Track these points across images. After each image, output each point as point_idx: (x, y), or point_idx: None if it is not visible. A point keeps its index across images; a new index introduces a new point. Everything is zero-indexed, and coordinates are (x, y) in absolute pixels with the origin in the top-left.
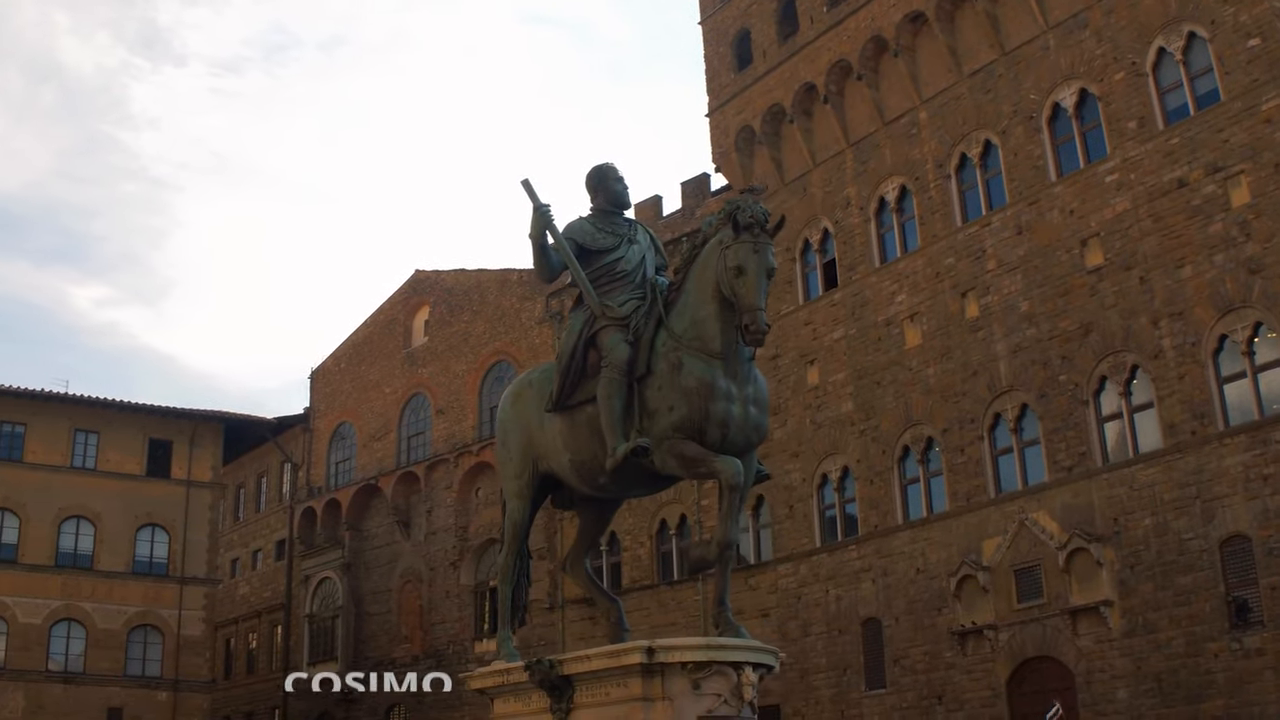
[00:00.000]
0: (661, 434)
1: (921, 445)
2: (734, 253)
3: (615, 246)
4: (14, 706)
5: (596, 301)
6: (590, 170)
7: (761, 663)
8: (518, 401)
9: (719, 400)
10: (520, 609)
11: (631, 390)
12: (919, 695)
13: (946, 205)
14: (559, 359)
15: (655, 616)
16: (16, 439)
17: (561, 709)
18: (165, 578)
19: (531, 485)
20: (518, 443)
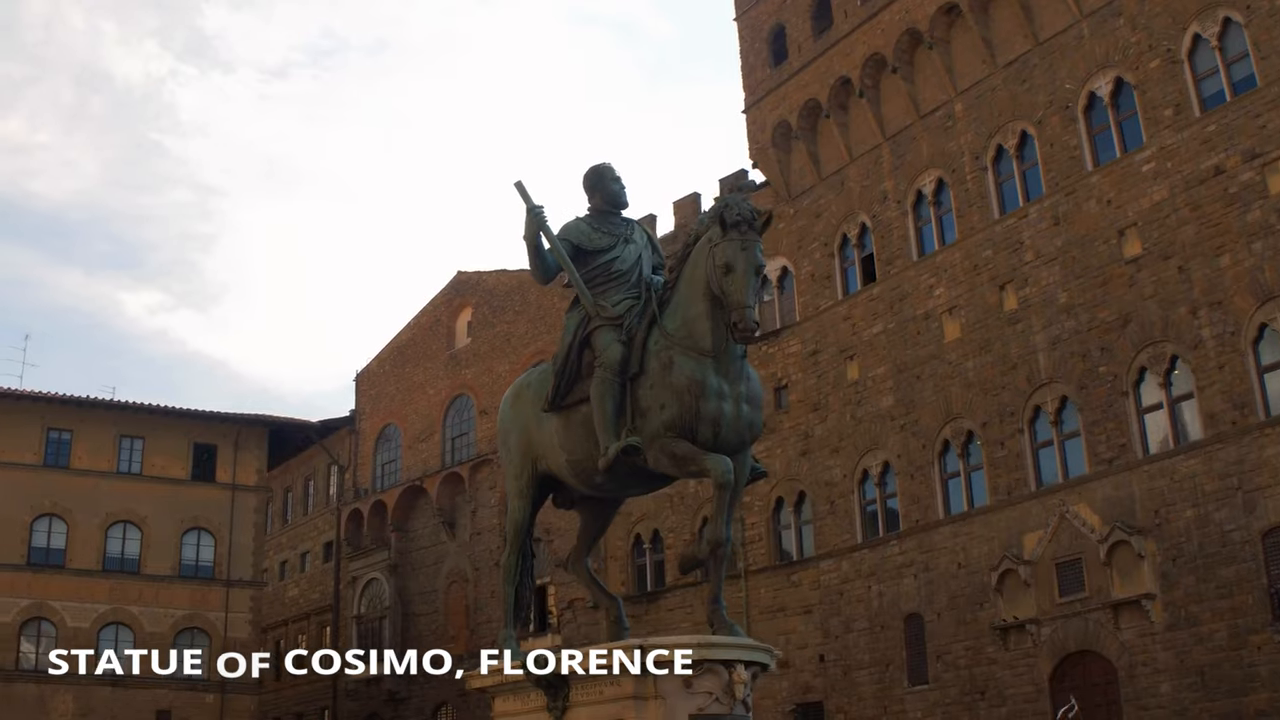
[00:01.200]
0: (653, 433)
1: (962, 439)
2: (722, 251)
3: (611, 246)
4: (64, 709)
5: (591, 301)
6: (587, 170)
7: (755, 661)
8: (517, 402)
9: (710, 398)
10: (524, 608)
11: (624, 390)
12: (961, 691)
13: (984, 197)
14: (554, 359)
15: (698, 614)
16: (64, 445)
17: (558, 707)
18: (211, 581)
19: (531, 485)
20: (517, 443)
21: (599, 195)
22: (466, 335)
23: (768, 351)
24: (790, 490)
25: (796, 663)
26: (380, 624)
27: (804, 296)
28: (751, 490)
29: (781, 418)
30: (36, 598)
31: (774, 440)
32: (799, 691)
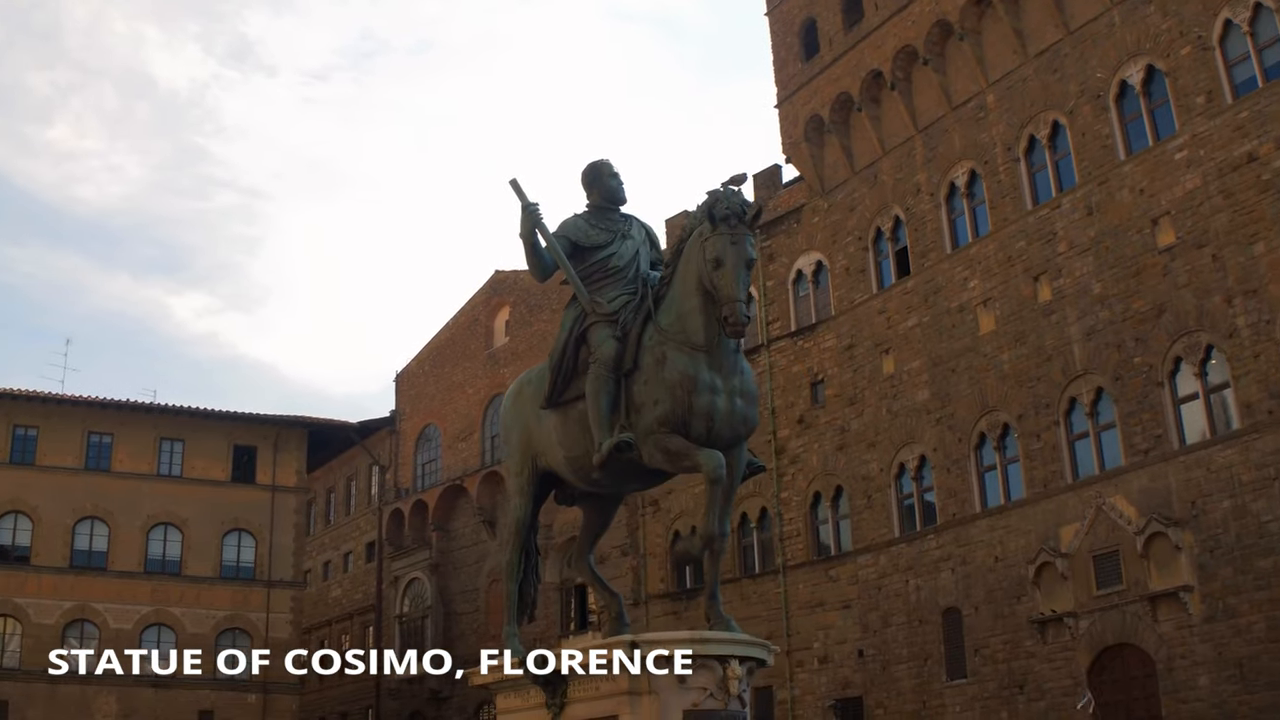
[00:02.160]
0: (647, 428)
1: (998, 432)
2: (712, 245)
3: (609, 242)
4: (107, 710)
5: (587, 298)
6: (585, 167)
7: (749, 656)
8: (518, 399)
9: (702, 393)
10: (529, 605)
11: (619, 385)
12: (1000, 685)
13: (1016, 188)
14: (551, 356)
15: (738, 610)
16: (105, 449)
17: (556, 704)
18: (252, 581)
19: (532, 482)
20: (518, 440)
21: (596, 191)
22: (505, 334)
23: (803, 346)
24: (827, 485)
25: (835, 658)
26: (423, 623)
27: (839, 291)
28: (789, 485)
29: (818, 412)
30: (80, 600)
31: (810, 435)
32: (838, 687)
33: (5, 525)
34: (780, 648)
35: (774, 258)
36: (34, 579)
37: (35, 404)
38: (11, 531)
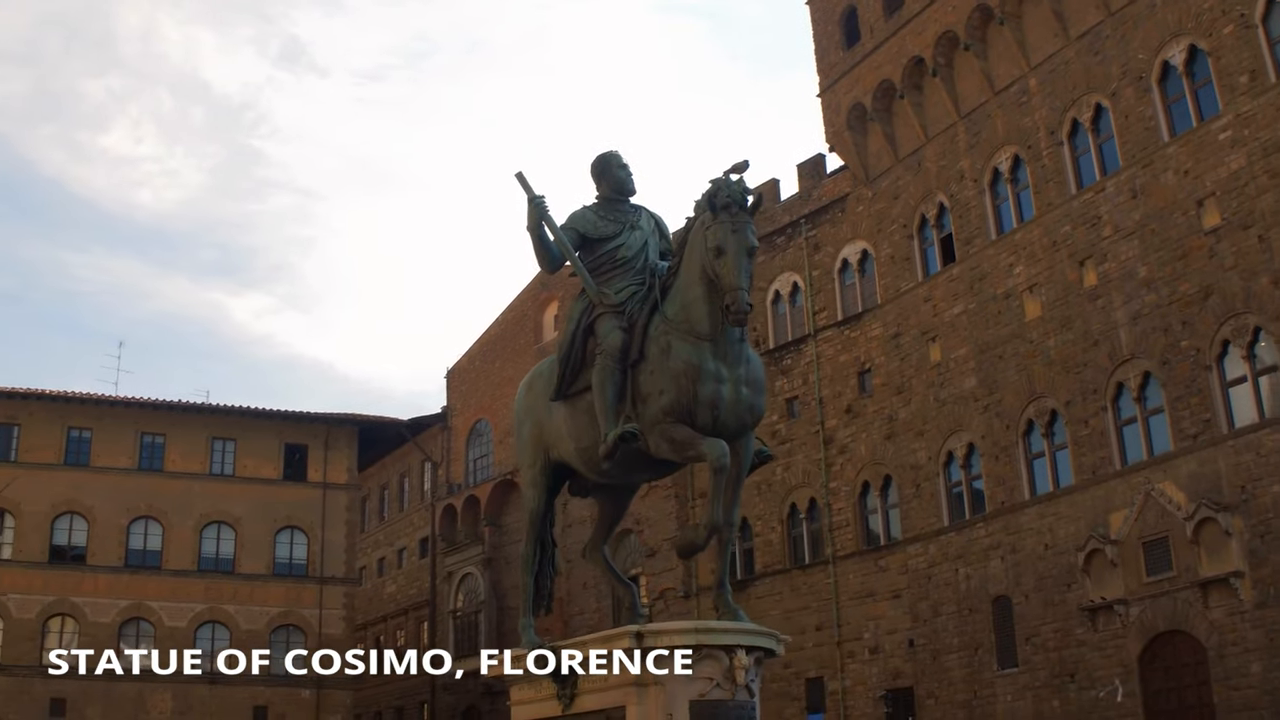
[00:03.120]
0: (653, 419)
1: (1045, 418)
2: (713, 233)
3: (617, 233)
4: (163, 707)
5: (594, 289)
6: (594, 159)
7: (757, 646)
8: (529, 391)
9: (707, 382)
10: (545, 597)
11: (625, 376)
12: (1050, 673)
13: (1060, 173)
14: (558, 348)
15: (788, 601)
16: (157, 449)
17: (566, 695)
18: (305, 578)
19: (545, 474)
20: (530, 432)
21: (606, 183)
22: (554, 328)
23: (850, 335)
24: (876, 474)
25: (886, 648)
26: (476, 618)
27: (884, 279)
28: (838, 475)
29: (866, 402)
30: (135, 598)
31: (859, 425)
32: (889, 677)
33: (61, 526)
34: (831, 638)
35: (819, 247)
36: (90, 578)
37: (89, 406)
38: (67, 532)
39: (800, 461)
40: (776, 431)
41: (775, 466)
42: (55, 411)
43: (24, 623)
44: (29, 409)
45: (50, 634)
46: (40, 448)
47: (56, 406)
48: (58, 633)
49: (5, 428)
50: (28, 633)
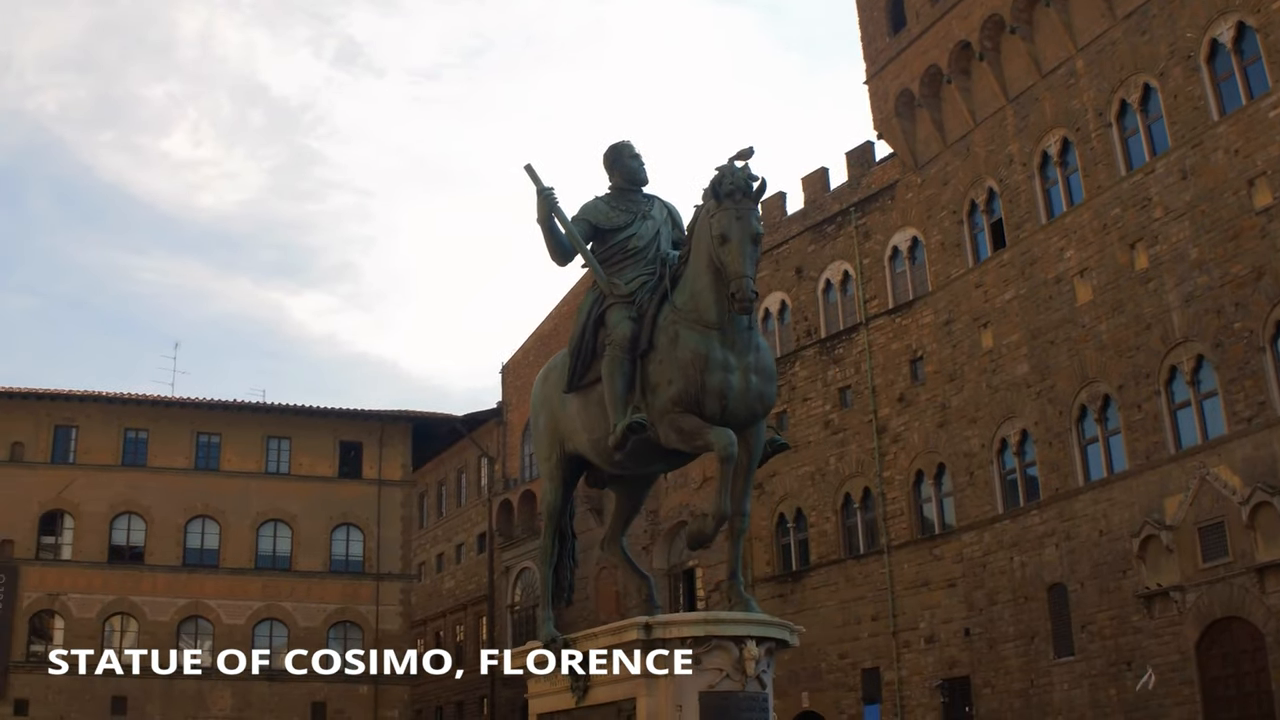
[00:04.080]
0: (662, 409)
1: (1099, 404)
2: (718, 221)
3: (629, 224)
4: (222, 705)
5: (605, 279)
6: (606, 149)
7: (768, 636)
8: (545, 383)
9: (715, 371)
10: (565, 589)
11: (634, 366)
12: (1107, 662)
13: (1109, 154)
14: (570, 340)
15: (843, 591)
16: (213, 449)
17: (579, 687)
18: (361, 575)
19: (561, 466)
20: (546, 424)
21: (618, 173)
22: None
23: (901, 323)
24: (929, 463)
25: (942, 637)
26: (534, 612)
27: (935, 266)
28: (891, 464)
29: (918, 390)
30: (193, 597)
31: (911, 413)
32: (945, 667)
33: (119, 526)
34: (887, 628)
35: (870, 235)
36: (149, 578)
37: (145, 407)
38: (126, 532)
39: (854, 451)
40: (830, 421)
41: (829, 456)
42: (112, 413)
43: (84, 622)
44: (86, 411)
45: (110, 633)
46: (98, 449)
47: (113, 408)
48: (118, 632)
49: (64, 430)
50: (88, 632)
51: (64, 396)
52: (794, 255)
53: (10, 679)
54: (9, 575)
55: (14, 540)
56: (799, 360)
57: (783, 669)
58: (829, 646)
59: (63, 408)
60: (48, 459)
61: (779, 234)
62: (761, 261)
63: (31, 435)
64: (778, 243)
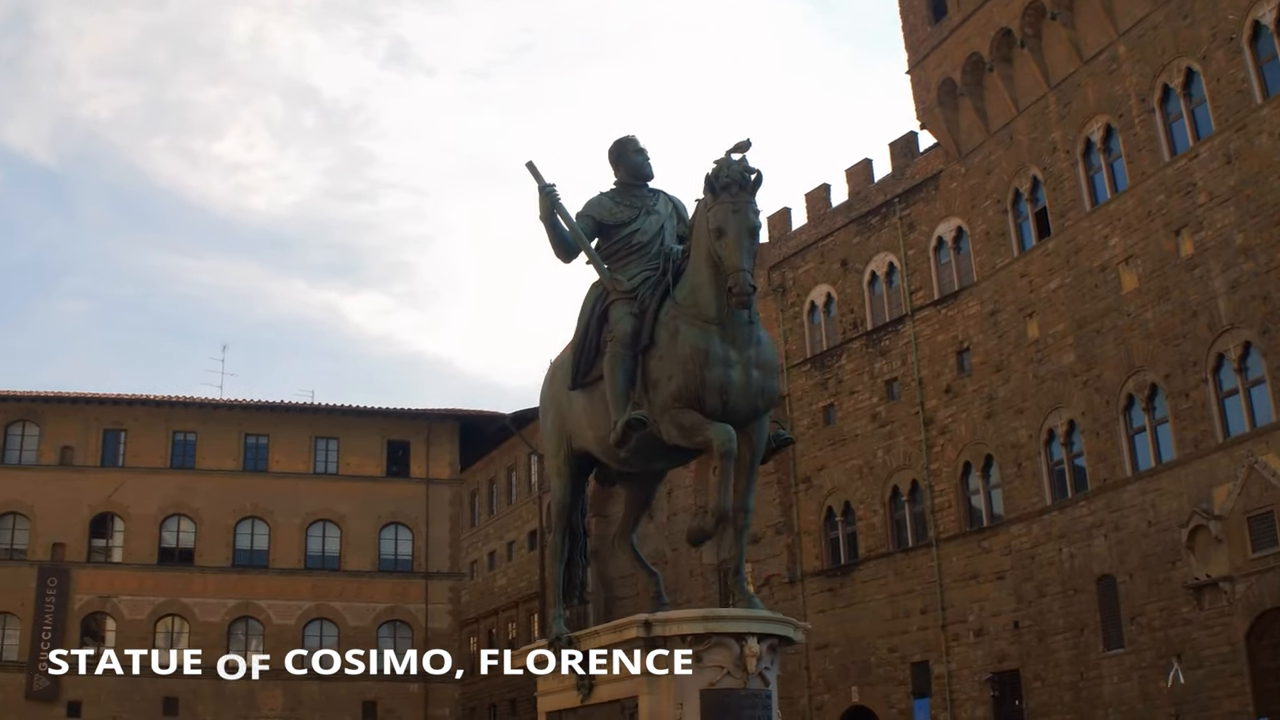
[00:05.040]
0: (663, 404)
1: (1145, 392)
2: (714, 215)
3: (633, 219)
4: (273, 704)
5: (607, 276)
6: (611, 144)
7: (769, 633)
8: (552, 381)
9: (715, 366)
10: (577, 586)
11: (636, 362)
12: (1157, 654)
13: (1153, 140)
14: (574, 337)
15: (892, 584)
16: (261, 450)
17: (585, 685)
18: (410, 574)
19: (568, 463)
20: (553, 422)
21: (623, 168)
22: None
23: (947, 315)
24: (977, 454)
25: (991, 630)
26: (585, 609)
27: (980, 256)
28: (939, 456)
29: (965, 381)
30: (243, 598)
31: (959, 405)
32: (994, 660)
33: (169, 528)
34: (935, 621)
35: (914, 226)
36: (199, 579)
37: (192, 410)
38: (175, 534)
39: (901, 444)
40: (877, 414)
41: (876, 449)
42: (160, 416)
43: (136, 624)
44: (135, 414)
45: (161, 634)
46: (147, 452)
47: (162, 411)
48: (168, 633)
49: (113, 433)
50: (140, 633)
51: (112, 400)
52: (839, 247)
53: (63, 681)
54: (61, 578)
55: (65, 543)
56: (845, 353)
57: (832, 663)
58: (878, 640)
59: (111, 411)
60: (97, 462)
61: (823, 226)
62: (807, 254)
63: (81, 439)
64: (823, 235)
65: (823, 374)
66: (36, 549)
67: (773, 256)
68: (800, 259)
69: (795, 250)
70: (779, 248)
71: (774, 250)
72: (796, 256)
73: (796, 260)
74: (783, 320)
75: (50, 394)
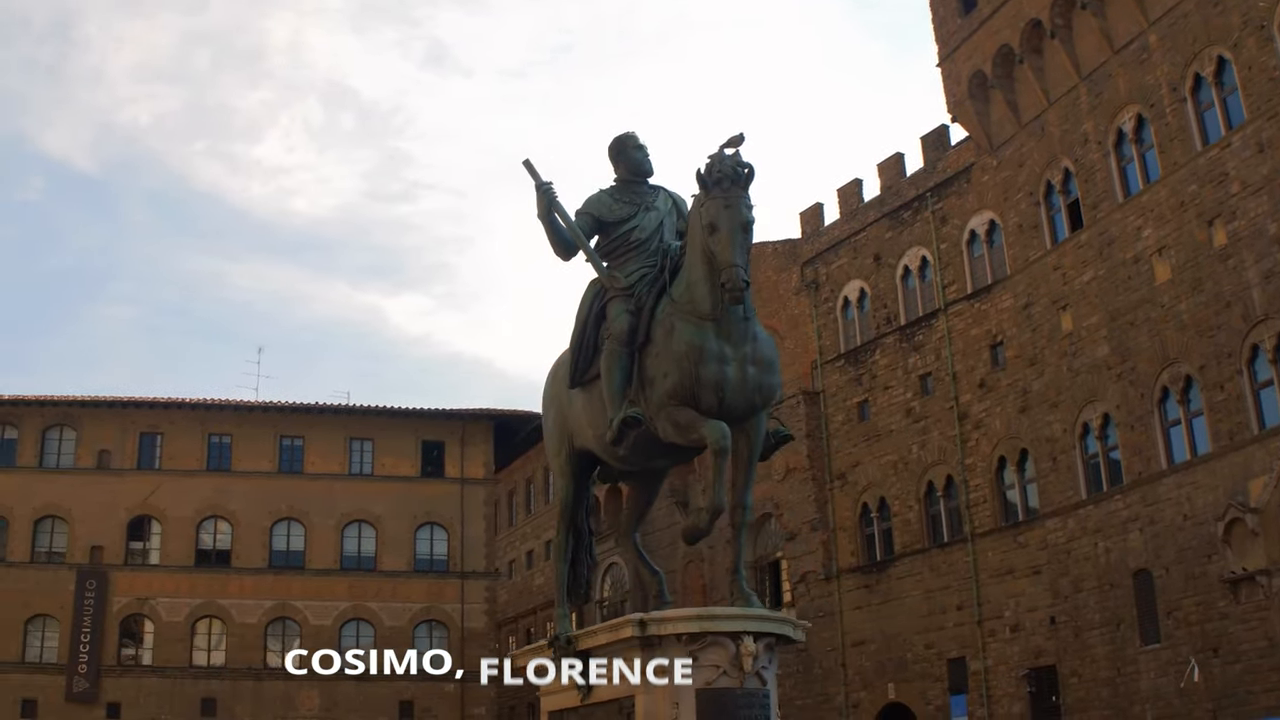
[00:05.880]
0: (659, 402)
1: (1180, 385)
2: (706, 210)
3: (632, 216)
4: (310, 705)
5: (604, 273)
6: (611, 141)
7: (765, 632)
8: (554, 380)
9: (710, 363)
10: (582, 585)
11: (633, 360)
12: (1194, 649)
13: (1185, 130)
14: (572, 335)
15: (928, 580)
16: (296, 452)
17: (584, 688)
18: (446, 574)
19: (571, 462)
20: (554, 421)
21: (622, 164)
22: None
23: (981, 308)
24: (1012, 449)
25: (1027, 626)
26: (623, 608)
27: (1013, 249)
28: (974, 451)
29: (999, 375)
30: (279, 598)
31: (993, 399)
32: (1031, 656)
33: (206, 530)
34: (972, 617)
35: (946, 220)
36: (236, 580)
37: (228, 412)
38: (212, 536)
39: (935, 439)
40: (911, 409)
41: (911, 444)
42: (196, 419)
43: (173, 625)
44: (171, 418)
45: (199, 635)
46: (183, 455)
47: (197, 414)
48: (206, 634)
49: (149, 437)
50: (177, 635)
51: (148, 404)
52: (872, 242)
53: (102, 682)
54: (99, 581)
55: (103, 546)
56: (879, 348)
57: (869, 660)
58: (914, 637)
59: (148, 415)
60: (134, 465)
61: (856, 221)
62: (840, 249)
63: (118, 442)
64: (855, 230)
65: (857, 369)
66: (75, 552)
67: (806, 252)
68: (833, 254)
69: (828, 246)
70: (812, 243)
71: (807, 246)
72: (829, 252)
73: (829, 256)
74: (816, 316)
75: (87, 398)
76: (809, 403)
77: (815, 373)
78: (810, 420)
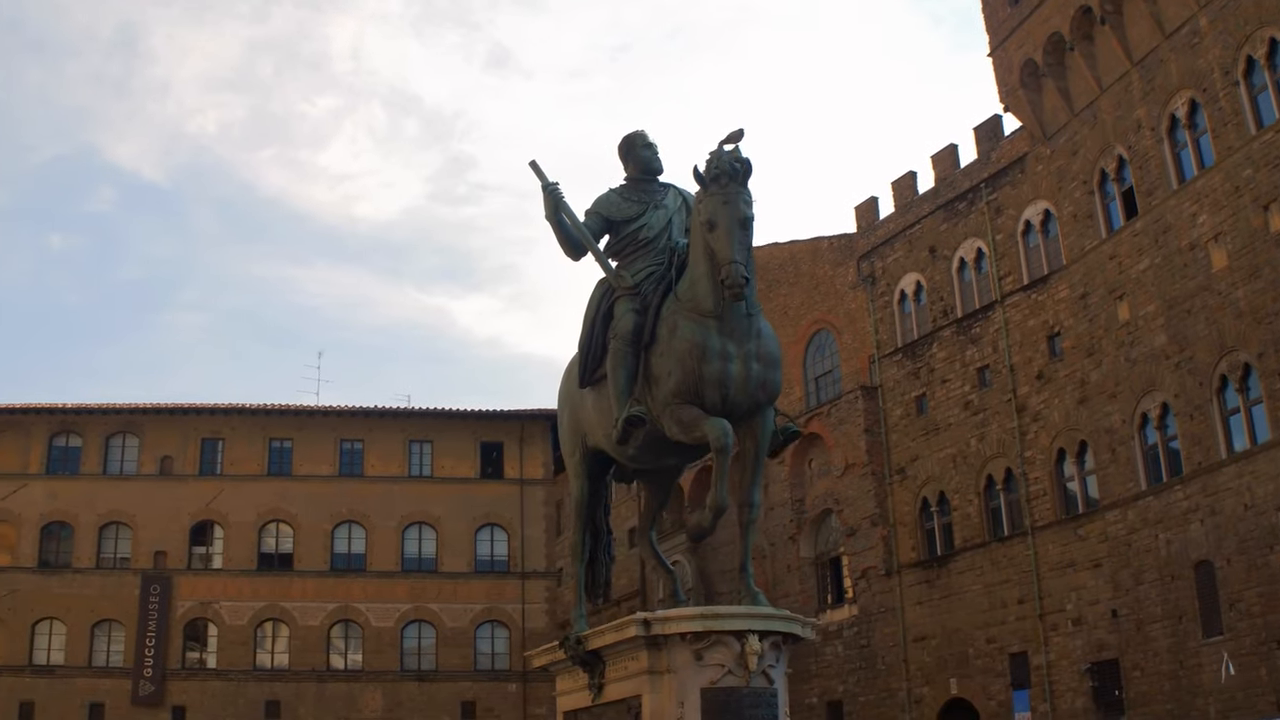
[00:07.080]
0: (664, 400)
1: (1239, 373)
2: (705, 207)
3: (640, 214)
4: (373, 705)
5: (611, 272)
6: (620, 140)
7: (772, 630)
8: (567, 379)
9: (712, 360)
10: (600, 585)
11: (638, 359)
12: (1256, 640)
13: (1238, 114)
14: (580, 335)
15: (988, 575)
16: (356, 455)
17: (595, 684)
18: (506, 574)
19: (584, 461)
20: (568, 421)
21: (632, 163)
22: None
23: (1037, 299)
24: (1071, 440)
25: (1089, 619)
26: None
27: (1068, 239)
28: (1032, 444)
29: (1057, 366)
30: (341, 601)
31: (1050, 390)
32: (1093, 649)
33: (269, 534)
34: (1033, 611)
35: (1001, 210)
36: (298, 583)
37: (288, 417)
38: (274, 539)
39: (994, 431)
40: (969, 402)
41: (969, 438)
42: (257, 424)
43: (237, 629)
44: (232, 423)
45: (262, 638)
46: (244, 460)
47: (258, 419)
48: (269, 636)
49: (210, 442)
50: (241, 638)
51: (209, 410)
52: (927, 235)
53: (168, 685)
54: (163, 586)
55: (167, 551)
56: (936, 341)
57: (930, 655)
58: (975, 631)
59: (209, 421)
60: (196, 471)
61: (911, 214)
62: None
63: (180, 449)
64: (910, 223)
65: (914, 363)
66: (139, 557)
67: (861, 246)
68: (889, 248)
69: (883, 239)
70: (867, 237)
71: (862, 240)
72: (885, 246)
73: (885, 249)
74: (873, 310)
75: (149, 405)
76: (867, 398)
77: (873, 367)
78: (869, 415)
